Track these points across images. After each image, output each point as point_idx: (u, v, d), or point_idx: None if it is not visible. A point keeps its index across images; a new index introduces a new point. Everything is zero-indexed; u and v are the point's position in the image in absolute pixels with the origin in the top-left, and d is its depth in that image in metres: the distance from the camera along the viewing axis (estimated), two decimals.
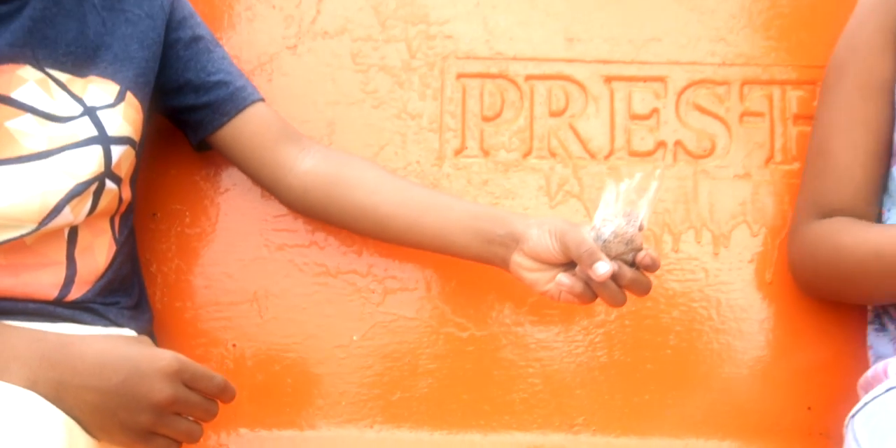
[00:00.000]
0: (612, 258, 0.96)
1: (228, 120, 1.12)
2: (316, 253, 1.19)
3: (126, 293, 1.07)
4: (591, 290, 0.99)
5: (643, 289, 0.99)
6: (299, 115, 1.20)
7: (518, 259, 1.03)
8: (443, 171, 1.21)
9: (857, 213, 1.10)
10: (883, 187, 1.11)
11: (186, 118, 1.13)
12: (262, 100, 1.14)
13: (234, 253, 1.19)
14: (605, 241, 0.96)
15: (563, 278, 0.99)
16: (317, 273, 1.19)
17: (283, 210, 1.18)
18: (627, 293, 0.99)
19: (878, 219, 1.12)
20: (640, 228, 0.97)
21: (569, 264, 1.00)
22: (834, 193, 1.11)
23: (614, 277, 0.96)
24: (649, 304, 1.03)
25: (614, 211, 0.97)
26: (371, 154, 1.20)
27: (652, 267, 0.98)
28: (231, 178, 1.20)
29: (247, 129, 1.12)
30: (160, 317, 1.16)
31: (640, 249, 0.97)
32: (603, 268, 0.95)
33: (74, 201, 0.99)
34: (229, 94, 1.12)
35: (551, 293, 1.02)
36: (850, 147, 1.11)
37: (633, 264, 0.97)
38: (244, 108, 1.12)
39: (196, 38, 1.12)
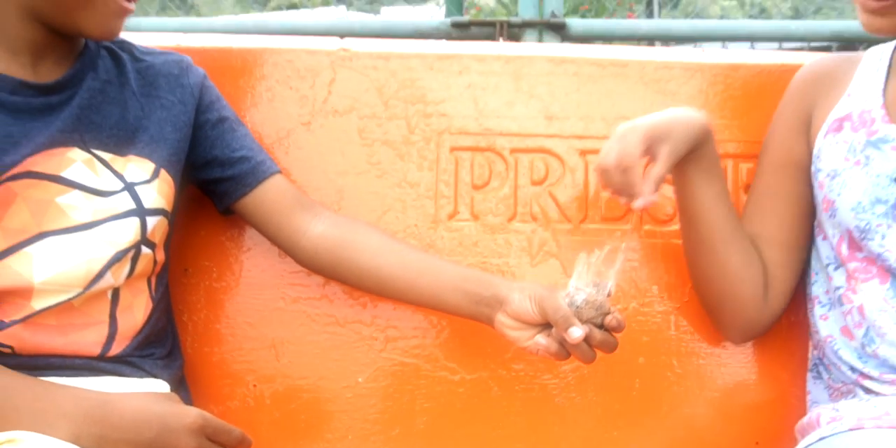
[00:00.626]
0: (584, 322, 0.98)
1: (250, 190, 1.13)
2: (326, 305, 1.20)
3: (160, 344, 1.08)
4: (565, 350, 1.00)
5: (611, 348, 1.00)
6: (312, 184, 1.22)
7: (502, 319, 1.05)
8: (437, 234, 1.22)
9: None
10: (810, 253, 1.14)
11: (213, 189, 1.15)
12: (280, 172, 1.15)
13: (256, 304, 1.20)
14: (577, 307, 0.98)
15: (541, 339, 1.01)
16: (327, 323, 1.20)
17: (299, 267, 1.18)
18: (596, 350, 1.00)
19: (807, 279, 1.14)
20: (609, 295, 0.99)
21: (546, 324, 1.02)
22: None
23: (585, 338, 0.98)
24: (618, 351, 1.05)
25: (586, 280, 0.99)
26: (375, 218, 1.21)
27: (618, 328, 0.99)
28: (253, 239, 1.21)
29: (266, 198, 1.13)
30: (191, 361, 1.17)
31: (608, 313, 0.99)
32: (577, 332, 0.97)
33: (115, 267, 1.00)
34: (251, 167, 1.13)
35: (530, 349, 1.03)
36: (764, 213, 1.14)
37: (601, 326, 0.99)
38: (263, 180, 1.13)
39: (222, 119, 1.14)
